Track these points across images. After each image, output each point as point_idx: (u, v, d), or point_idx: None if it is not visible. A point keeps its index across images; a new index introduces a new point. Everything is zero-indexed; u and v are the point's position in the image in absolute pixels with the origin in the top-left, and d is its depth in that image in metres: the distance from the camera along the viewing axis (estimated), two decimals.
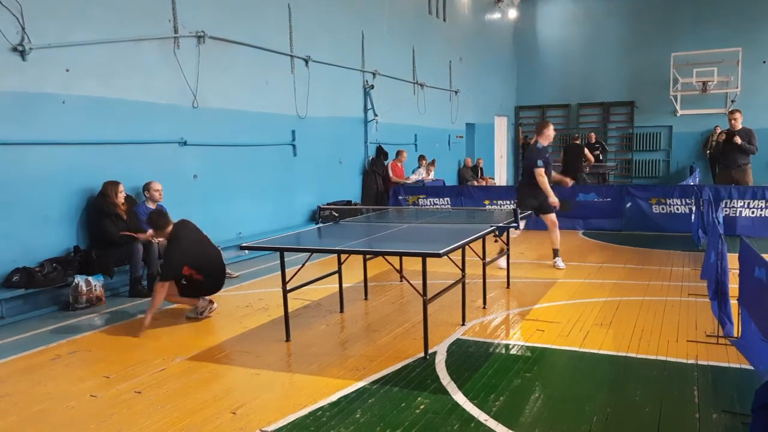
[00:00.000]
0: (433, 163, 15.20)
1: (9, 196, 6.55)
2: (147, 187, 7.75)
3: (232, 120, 9.59)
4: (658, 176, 21.78)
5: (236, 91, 9.68)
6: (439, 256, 4.62)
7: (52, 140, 6.96)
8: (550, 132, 8.06)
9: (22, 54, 6.62)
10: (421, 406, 4.00)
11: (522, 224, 7.85)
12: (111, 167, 7.59)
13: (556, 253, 8.17)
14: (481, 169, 18.40)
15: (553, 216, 8.12)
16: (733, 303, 5.06)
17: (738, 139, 10.02)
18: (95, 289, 6.84)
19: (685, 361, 4.68)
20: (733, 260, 5.51)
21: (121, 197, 7.34)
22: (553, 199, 7.93)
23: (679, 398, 4.05)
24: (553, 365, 4.78)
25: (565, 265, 8.14)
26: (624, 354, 4.87)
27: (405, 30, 15.25)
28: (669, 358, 4.74)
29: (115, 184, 7.36)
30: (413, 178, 14.36)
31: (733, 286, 5.26)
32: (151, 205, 7.74)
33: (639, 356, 4.81)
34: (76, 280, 6.73)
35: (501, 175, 22.18)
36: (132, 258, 7.22)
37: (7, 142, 6.49)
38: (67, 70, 7.10)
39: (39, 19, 6.76)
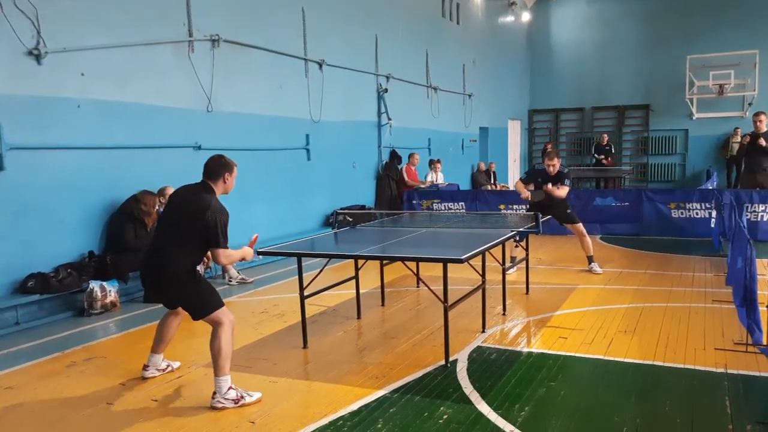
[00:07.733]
0: (438, 161, 14.88)
1: (24, 200, 6.51)
2: (162, 192, 7.69)
3: (246, 124, 9.53)
4: (674, 180, 21.53)
5: (250, 95, 9.62)
6: (461, 261, 4.52)
7: (66, 144, 6.91)
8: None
9: (38, 58, 6.58)
10: (445, 416, 3.90)
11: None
12: (125, 171, 7.55)
13: (591, 259, 8.18)
14: (494, 173, 18.25)
15: (580, 226, 8.17)
16: (763, 310, 4.91)
17: (763, 141, 9.82)
18: (110, 295, 6.78)
19: (714, 369, 4.55)
20: (759, 266, 5.37)
21: (155, 206, 7.33)
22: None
23: (710, 409, 3.93)
24: (578, 374, 4.65)
25: (602, 270, 8.10)
26: (650, 362, 4.74)
27: (418, 33, 15.16)
28: (697, 367, 4.61)
29: (154, 196, 7.40)
30: (428, 181, 14.19)
31: (762, 292, 5.12)
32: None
33: (666, 364, 4.69)
34: (90, 286, 6.68)
35: (514, 179, 21.98)
36: None
37: (22, 146, 6.45)
38: (83, 74, 7.06)
39: (54, 23, 6.72)
